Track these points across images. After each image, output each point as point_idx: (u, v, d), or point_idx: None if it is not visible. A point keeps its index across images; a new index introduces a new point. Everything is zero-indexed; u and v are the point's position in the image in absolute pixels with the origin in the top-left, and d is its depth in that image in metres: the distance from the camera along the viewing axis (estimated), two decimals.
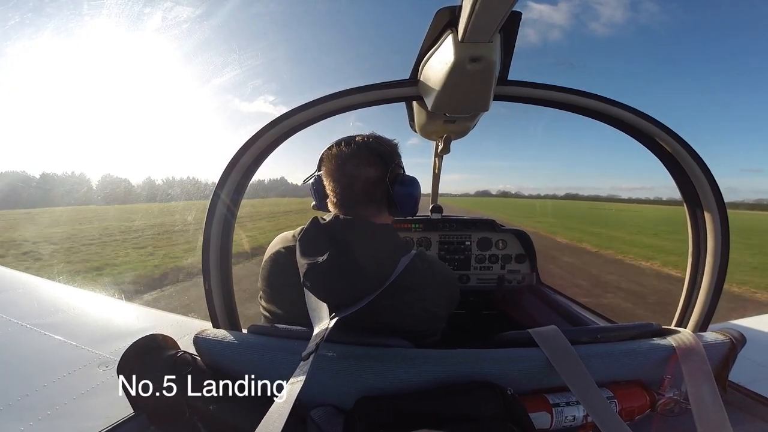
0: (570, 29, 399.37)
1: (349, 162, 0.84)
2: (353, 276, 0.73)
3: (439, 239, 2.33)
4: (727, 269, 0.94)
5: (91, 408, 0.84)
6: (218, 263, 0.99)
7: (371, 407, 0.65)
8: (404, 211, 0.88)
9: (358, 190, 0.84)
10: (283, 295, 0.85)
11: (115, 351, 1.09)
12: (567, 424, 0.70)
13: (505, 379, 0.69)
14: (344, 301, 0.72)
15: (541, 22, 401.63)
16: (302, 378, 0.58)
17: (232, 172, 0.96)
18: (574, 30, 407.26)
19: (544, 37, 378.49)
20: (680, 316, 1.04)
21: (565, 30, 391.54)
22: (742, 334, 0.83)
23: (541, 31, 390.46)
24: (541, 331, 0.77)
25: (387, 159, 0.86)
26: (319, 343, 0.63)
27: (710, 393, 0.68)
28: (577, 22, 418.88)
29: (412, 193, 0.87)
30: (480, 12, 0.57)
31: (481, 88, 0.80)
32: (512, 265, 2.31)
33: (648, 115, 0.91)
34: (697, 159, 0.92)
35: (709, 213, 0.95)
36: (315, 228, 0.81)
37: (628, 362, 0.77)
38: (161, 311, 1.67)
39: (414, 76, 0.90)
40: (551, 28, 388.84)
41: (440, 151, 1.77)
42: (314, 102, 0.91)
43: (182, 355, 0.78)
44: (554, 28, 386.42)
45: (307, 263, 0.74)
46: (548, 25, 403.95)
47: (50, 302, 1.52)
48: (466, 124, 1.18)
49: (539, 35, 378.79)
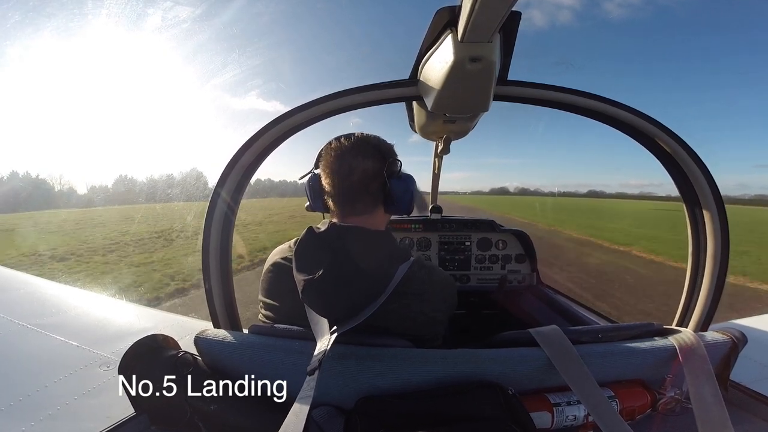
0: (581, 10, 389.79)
1: (348, 153, 0.84)
2: (351, 288, 0.73)
3: (438, 239, 2.33)
4: (727, 269, 0.94)
5: (92, 408, 0.84)
6: (218, 263, 0.99)
7: (372, 407, 0.65)
8: (400, 207, 0.87)
9: (356, 180, 0.83)
10: (282, 305, 0.85)
11: (116, 351, 1.09)
12: (568, 423, 0.70)
13: (505, 379, 0.69)
14: (344, 315, 0.72)
15: (548, 2, 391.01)
16: (311, 395, 0.59)
17: (232, 171, 0.96)
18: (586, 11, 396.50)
19: (551, 19, 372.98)
20: (681, 315, 1.04)
21: (575, 11, 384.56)
22: (743, 333, 0.83)
23: (549, 12, 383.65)
24: (541, 330, 0.77)
25: (385, 153, 0.86)
26: (322, 359, 0.63)
27: (711, 392, 0.68)
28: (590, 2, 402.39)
29: (408, 188, 0.87)
30: (480, 12, 0.57)
31: (481, 88, 0.80)
32: (512, 265, 2.31)
33: (647, 116, 0.91)
34: (696, 159, 0.92)
35: (708, 213, 0.95)
36: (310, 239, 0.81)
37: (629, 362, 0.77)
38: (162, 311, 1.67)
39: (414, 76, 0.90)
40: (560, 9, 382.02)
41: (440, 152, 1.77)
42: (314, 102, 0.91)
43: (183, 355, 0.78)
44: (563, 9, 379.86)
45: (304, 279, 0.74)
46: (556, 5, 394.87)
47: (51, 302, 1.52)
48: (466, 124, 1.19)
49: (546, 18, 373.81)
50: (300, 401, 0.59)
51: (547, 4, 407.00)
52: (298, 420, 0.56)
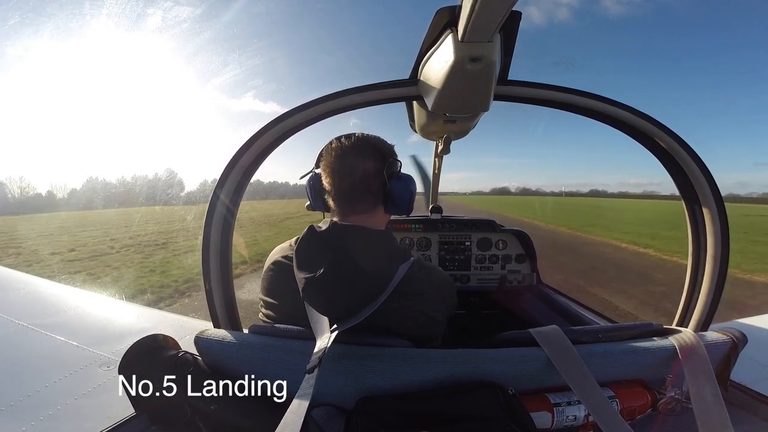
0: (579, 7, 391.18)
1: (349, 153, 0.85)
2: (352, 287, 0.73)
3: (439, 239, 2.33)
4: (727, 268, 0.94)
5: (93, 408, 0.84)
6: (218, 263, 0.99)
7: (372, 407, 0.65)
8: (400, 207, 0.88)
9: (356, 180, 0.84)
10: (282, 303, 0.85)
11: (116, 351, 1.09)
12: (568, 423, 0.69)
13: (506, 379, 0.69)
14: (344, 314, 0.72)
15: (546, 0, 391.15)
16: (310, 392, 0.59)
17: (232, 172, 0.96)
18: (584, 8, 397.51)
19: (549, 17, 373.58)
20: (681, 315, 1.03)
21: (573, 8, 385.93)
22: (743, 333, 0.83)
23: (546, 9, 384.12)
24: (542, 330, 0.77)
25: (385, 154, 0.87)
26: (322, 356, 0.63)
27: (712, 392, 0.68)
28: None
29: (408, 188, 0.87)
30: (480, 12, 0.57)
31: (481, 88, 0.80)
32: (512, 265, 2.31)
33: (647, 115, 0.91)
34: (695, 158, 0.92)
35: (708, 212, 0.95)
36: (311, 237, 0.81)
37: (630, 362, 0.77)
38: (162, 311, 1.67)
39: (414, 76, 0.90)
40: (558, 6, 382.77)
41: (440, 152, 1.77)
42: (314, 102, 0.91)
43: (183, 355, 0.78)
44: (561, 7, 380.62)
45: (305, 278, 0.74)
46: (554, 2, 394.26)
47: (51, 302, 1.52)
48: (467, 124, 1.18)
49: (544, 15, 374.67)
50: (299, 399, 0.59)
51: (545, 2, 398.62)
52: (297, 418, 0.55)
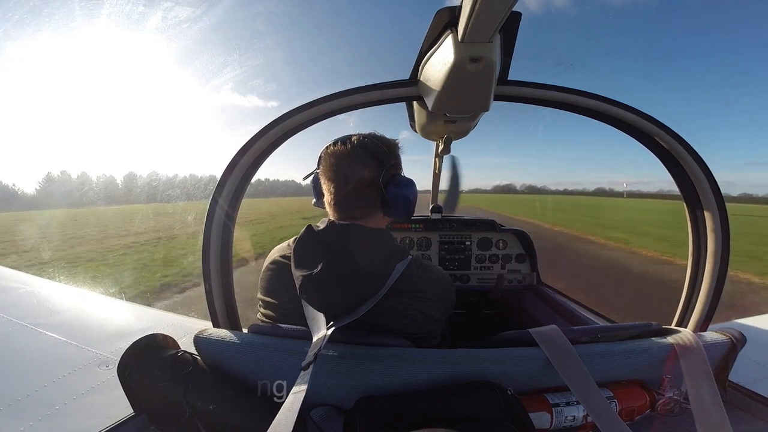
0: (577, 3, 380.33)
1: (343, 161, 0.84)
2: (349, 284, 0.73)
3: (439, 239, 2.33)
4: (727, 268, 0.94)
5: (92, 407, 0.84)
6: (218, 264, 0.99)
7: (371, 407, 0.65)
8: (398, 213, 0.86)
9: (351, 190, 0.83)
10: (282, 302, 0.85)
11: (115, 351, 1.09)
12: (567, 424, 0.70)
13: (505, 379, 0.69)
14: (341, 311, 0.72)
15: None
16: (304, 387, 0.59)
17: (232, 172, 0.96)
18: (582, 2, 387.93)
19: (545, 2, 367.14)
20: (680, 315, 1.03)
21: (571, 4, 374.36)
22: (742, 333, 0.83)
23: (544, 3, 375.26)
24: (541, 330, 0.77)
25: (382, 159, 0.84)
26: (318, 353, 0.64)
27: (710, 393, 0.68)
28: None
29: (406, 195, 0.86)
30: (480, 12, 0.57)
31: (481, 88, 0.80)
32: (512, 264, 2.31)
33: (647, 115, 0.91)
34: (696, 158, 0.92)
35: (709, 212, 0.95)
36: (309, 236, 0.81)
37: (628, 362, 0.77)
38: (161, 311, 1.67)
39: (414, 76, 0.90)
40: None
41: (440, 152, 1.77)
42: (314, 102, 0.91)
43: (182, 354, 0.79)
44: None
45: (302, 275, 0.74)
46: None
47: (50, 302, 1.52)
48: (467, 124, 1.18)
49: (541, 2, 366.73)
50: (292, 395, 0.59)
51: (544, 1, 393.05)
52: (290, 415, 0.55)
